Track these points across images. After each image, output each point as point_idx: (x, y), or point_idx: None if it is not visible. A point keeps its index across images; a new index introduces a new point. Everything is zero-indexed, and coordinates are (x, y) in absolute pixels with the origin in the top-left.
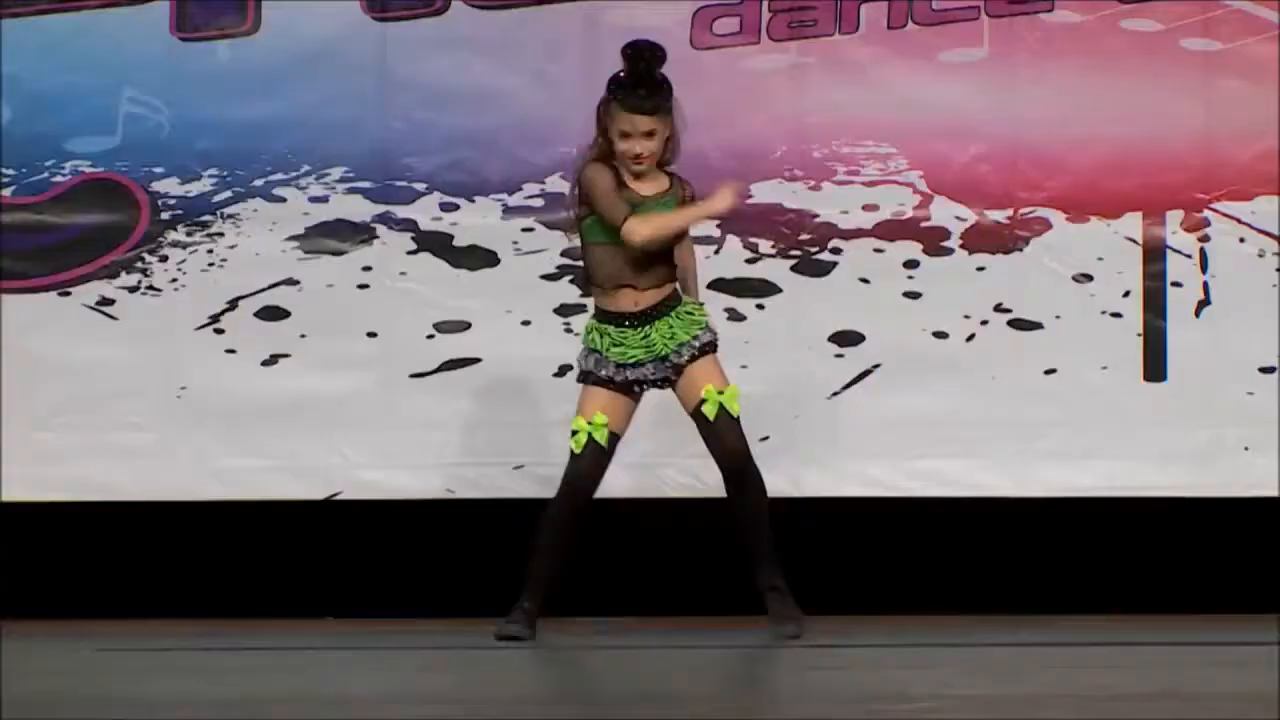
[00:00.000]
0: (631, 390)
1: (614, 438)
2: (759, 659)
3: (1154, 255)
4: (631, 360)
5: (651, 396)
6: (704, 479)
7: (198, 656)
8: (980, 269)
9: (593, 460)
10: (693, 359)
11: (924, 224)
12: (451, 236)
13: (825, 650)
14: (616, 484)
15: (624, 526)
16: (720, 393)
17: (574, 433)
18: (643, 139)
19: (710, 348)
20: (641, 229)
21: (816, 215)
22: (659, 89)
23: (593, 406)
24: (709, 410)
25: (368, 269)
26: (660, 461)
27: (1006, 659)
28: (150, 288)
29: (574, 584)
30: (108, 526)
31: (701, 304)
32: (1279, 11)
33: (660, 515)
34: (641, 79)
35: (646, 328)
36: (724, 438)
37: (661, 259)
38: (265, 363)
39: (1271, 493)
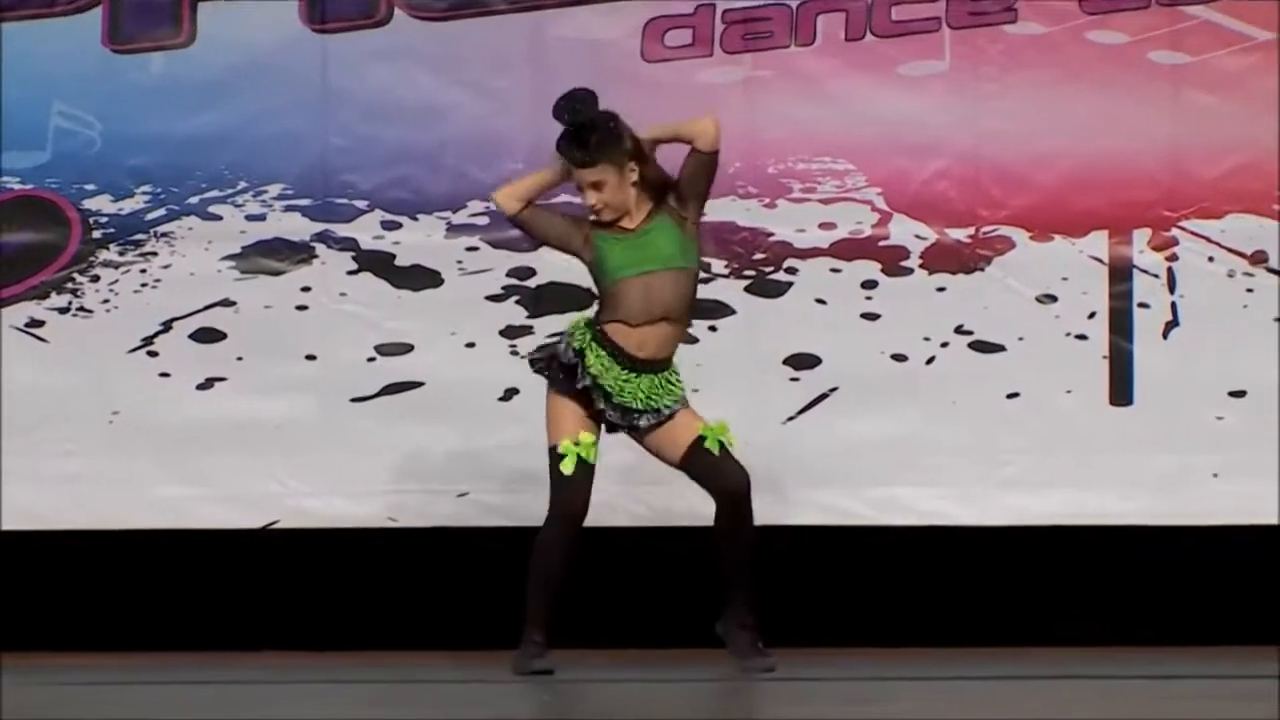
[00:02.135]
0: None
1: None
2: (713, 693)
3: (1120, 275)
4: (614, 397)
5: None
6: (654, 506)
7: (132, 691)
8: (940, 289)
9: (583, 482)
10: (658, 424)
11: (882, 243)
12: (393, 256)
13: (781, 683)
14: None
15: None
16: (711, 429)
17: (561, 455)
18: (591, 191)
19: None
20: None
21: (771, 234)
22: (594, 136)
23: (574, 425)
24: (711, 445)
25: (307, 289)
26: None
27: (966, 692)
28: (81, 309)
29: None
30: (34, 555)
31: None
32: None
33: (612, 545)
34: (576, 129)
35: (635, 376)
36: (728, 470)
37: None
38: (200, 386)
39: (1242, 521)
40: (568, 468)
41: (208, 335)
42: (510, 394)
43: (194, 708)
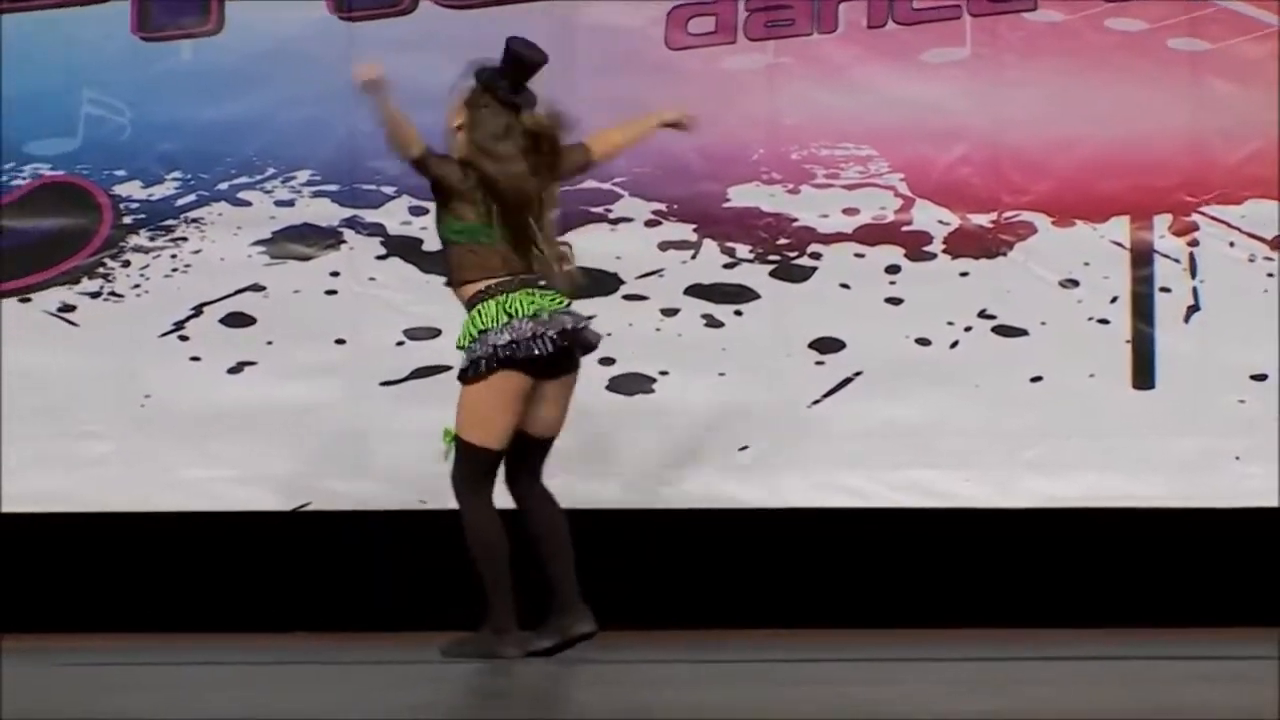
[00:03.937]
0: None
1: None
2: (729, 674)
3: (1142, 260)
4: None
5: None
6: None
7: (161, 672)
8: (964, 274)
9: None
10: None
11: (905, 228)
12: (421, 241)
13: (801, 665)
14: (591, 496)
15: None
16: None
17: None
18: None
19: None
20: None
21: (795, 219)
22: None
23: None
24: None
25: (335, 274)
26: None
27: (990, 674)
28: (112, 294)
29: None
30: (67, 538)
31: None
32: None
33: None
34: (531, 68)
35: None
36: None
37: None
38: (231, 370)
39: (1265, 503)
40: None
41: (238, 320)
42: None
43: (226, 688)
